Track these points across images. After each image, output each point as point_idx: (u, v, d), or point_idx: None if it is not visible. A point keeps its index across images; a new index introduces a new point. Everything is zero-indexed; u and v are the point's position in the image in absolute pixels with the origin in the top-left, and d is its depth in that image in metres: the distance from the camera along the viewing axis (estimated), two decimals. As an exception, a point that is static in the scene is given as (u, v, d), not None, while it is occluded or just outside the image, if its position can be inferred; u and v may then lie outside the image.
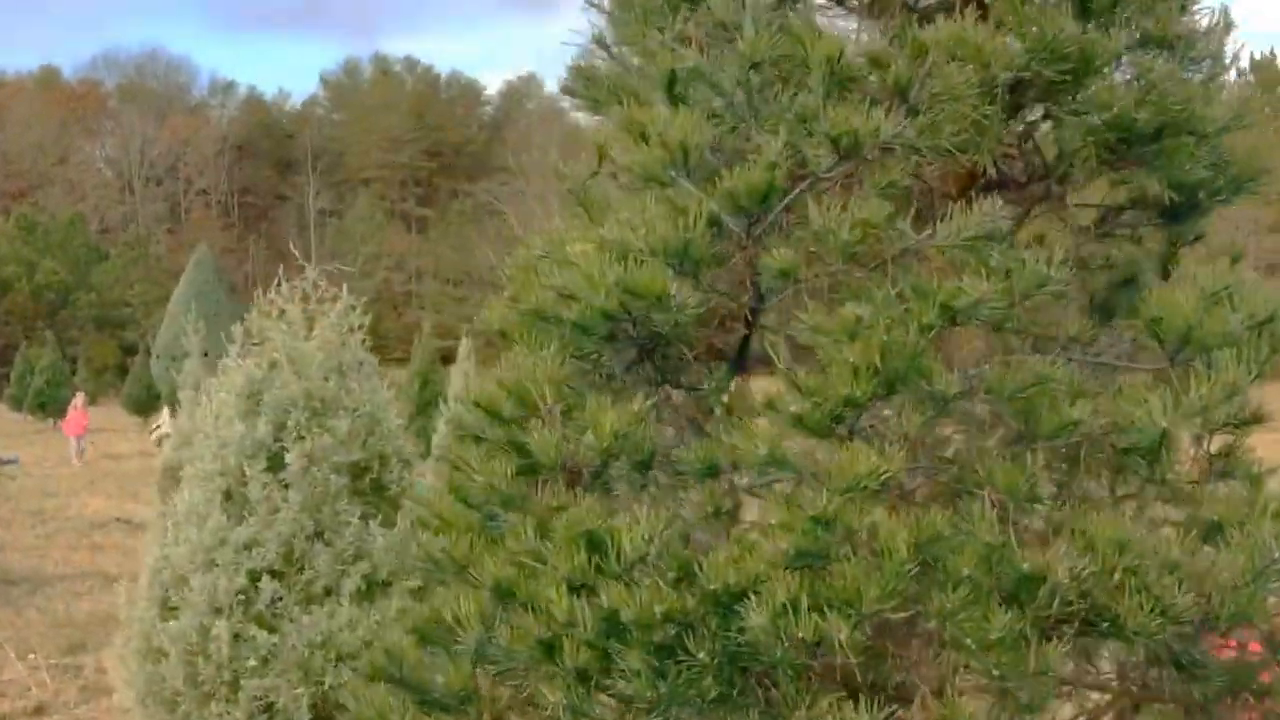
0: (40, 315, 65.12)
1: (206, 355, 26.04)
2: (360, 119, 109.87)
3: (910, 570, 2.57)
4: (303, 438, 4.53)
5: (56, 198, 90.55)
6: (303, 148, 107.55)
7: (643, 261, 2.84)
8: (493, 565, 2.93)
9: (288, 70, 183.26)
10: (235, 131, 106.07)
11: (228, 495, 4.62)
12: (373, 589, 4.61)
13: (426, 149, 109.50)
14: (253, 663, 4.44)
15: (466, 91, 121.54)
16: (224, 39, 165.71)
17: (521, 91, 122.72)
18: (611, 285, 2.82)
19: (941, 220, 2.89)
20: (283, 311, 4.98)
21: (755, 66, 2.98)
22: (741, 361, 3.25)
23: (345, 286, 6.04)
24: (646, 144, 2.96)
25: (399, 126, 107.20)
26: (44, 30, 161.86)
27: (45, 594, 8.71)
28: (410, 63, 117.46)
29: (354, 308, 5.15)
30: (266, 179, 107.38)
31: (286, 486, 4.49)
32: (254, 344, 4.90)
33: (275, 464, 4.57)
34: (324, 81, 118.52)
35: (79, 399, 21.42)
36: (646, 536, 2.72)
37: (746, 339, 3.22)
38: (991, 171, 3.13)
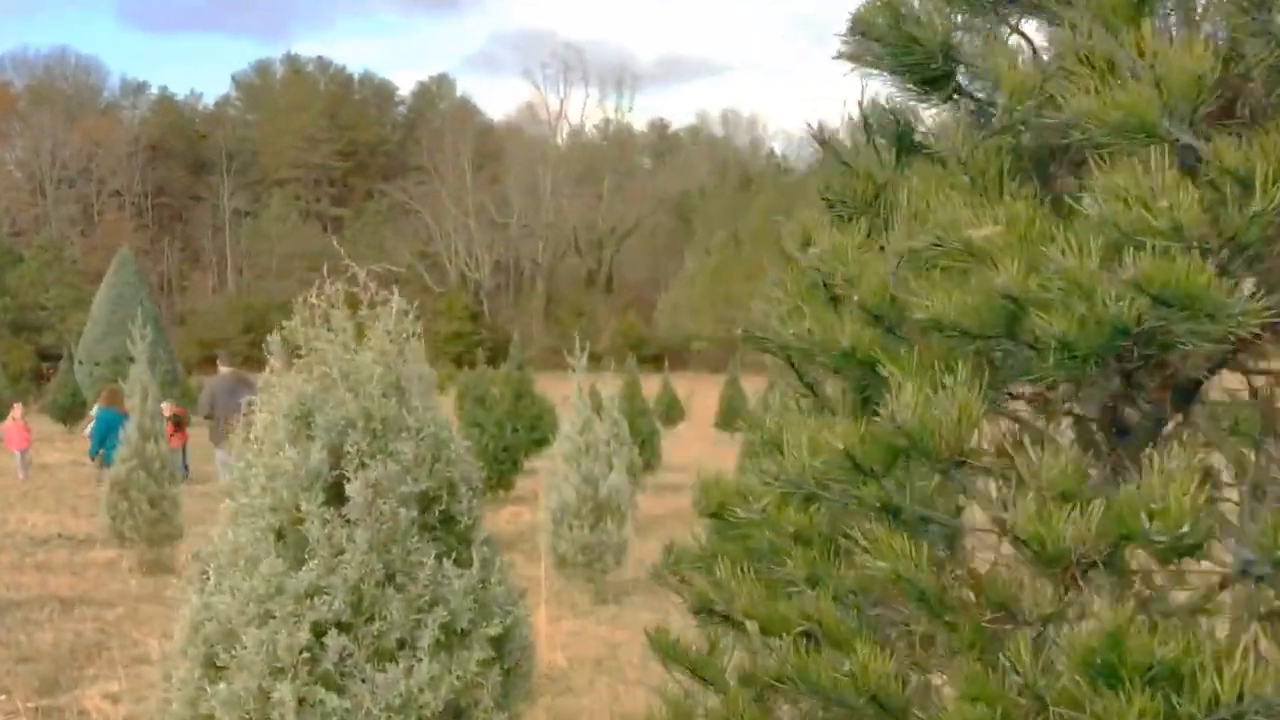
0: (-47, 319, 64.96)
1: (132, 361, 28.31)
2: (273, 119, 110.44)
3: None
4: (365, 465, 3.95)
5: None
6: (216, 148, 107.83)
7: (1165, 249, 1.83)
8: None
9: (198, 72, 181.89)
10: (147, 132, 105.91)
11: (280, 534, 3.98)
12: (451, 639, 4.00)
13: (340, 149, 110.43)
14: (324, 732, 4.23)
15: (379, 91, 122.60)
16: (134, 40, 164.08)
17: (433, 91, 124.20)
18: (1131, 284, 1.85)
19: None
20: (327, 318, 4.18)
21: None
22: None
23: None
24: (1114, 83, 1.97)
25: (312, 126, 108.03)
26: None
27: (2, 623, 8.04)
28: (322, 64, 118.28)
29: (407, 313, 4.33)
30: (180, 180, 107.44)
31: (350, 523, 3.91)
32: (298, 355, 4.16)
33: (334, 497, 3.97)
34: (236, 82, 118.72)
35: (16, 410, 19.93)
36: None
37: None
38: None
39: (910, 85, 2.63)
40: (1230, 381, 2.29)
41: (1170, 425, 2.25)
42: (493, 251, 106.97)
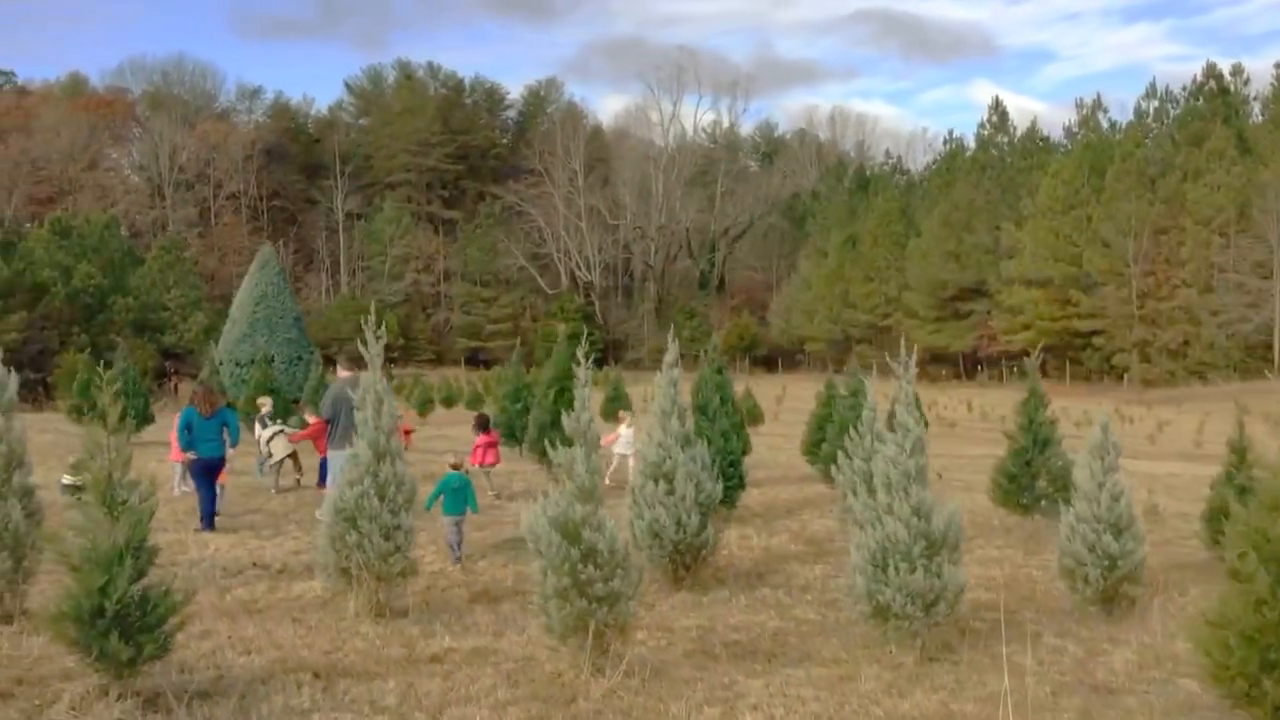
0: (76, 320, 65.28)
1: (272, 361, 26.71)
2: (385, 124, 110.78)
3: None
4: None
5: (87, 203, 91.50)
6: (330, 152, 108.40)
7: None
8: None
9: (305, 77, 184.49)
10: (262, 136, 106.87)
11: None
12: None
13: (452, 152, 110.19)
14: None
15: (490, 95, 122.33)
16: (244, 46, 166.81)
17: (542, 95, 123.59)
18: None
19: None
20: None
21: None
22: None
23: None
24: None
25: (424, 130, 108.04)
26: (71, 38, 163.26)
27: (255, 713, 5.79)
28: (433, 68, 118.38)
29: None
30: (294, 183, 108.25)
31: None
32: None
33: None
34: (349, 87, 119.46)
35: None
36: None
37: None
38: None
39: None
40: None
41: None
42: (603, 253, 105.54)
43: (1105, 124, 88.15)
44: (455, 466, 11.50)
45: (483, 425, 16.29)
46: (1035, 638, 7.79)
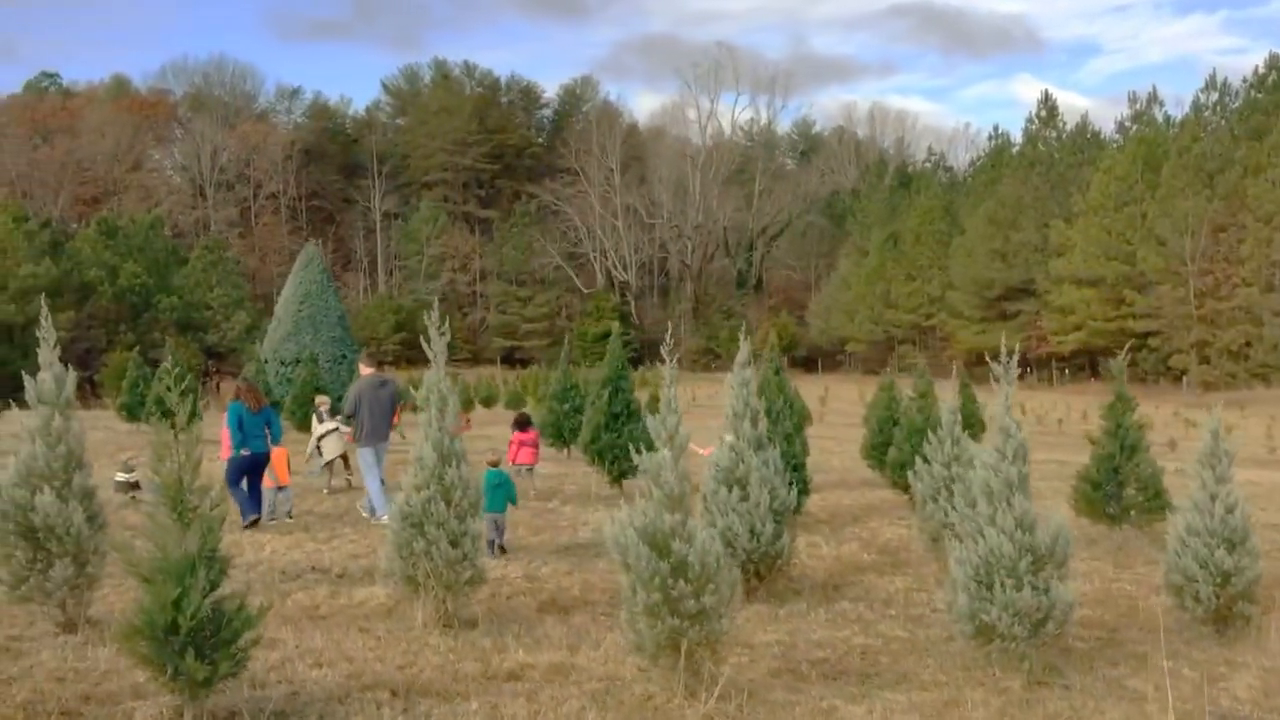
0: (123, 318, 65.87)
1: (317, 360, 26.43)
2: (422, 123, 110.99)
3: None
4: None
5: (131, 203, 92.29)
6: (367, 152, 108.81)
7: None
8: None
9: (342, 77, 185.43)
10: (301, 137, 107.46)
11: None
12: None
13: (488, 151, 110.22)
14: None
15: (525, 94, 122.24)
16: (282, 47, 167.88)
17: (577, 94, 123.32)
18: None
19: None
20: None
21: None
22: None
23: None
24: None
25: (461, 130, 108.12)
26: (114, 40, 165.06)
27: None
28: (469, 67, 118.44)
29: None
30: (332, 183, 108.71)
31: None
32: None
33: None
34: (385, 87, 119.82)
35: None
36: None
37: None
38: None
39: None
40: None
41: None
42: (639, 252, 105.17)
43: (1159, 118, 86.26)
44: (493, 464, 11.59)
45: (522, 424, 16.24)
46: (1144, 660, 7.32)
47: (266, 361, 27.87)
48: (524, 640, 7.87)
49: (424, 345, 8.79)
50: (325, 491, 15.48)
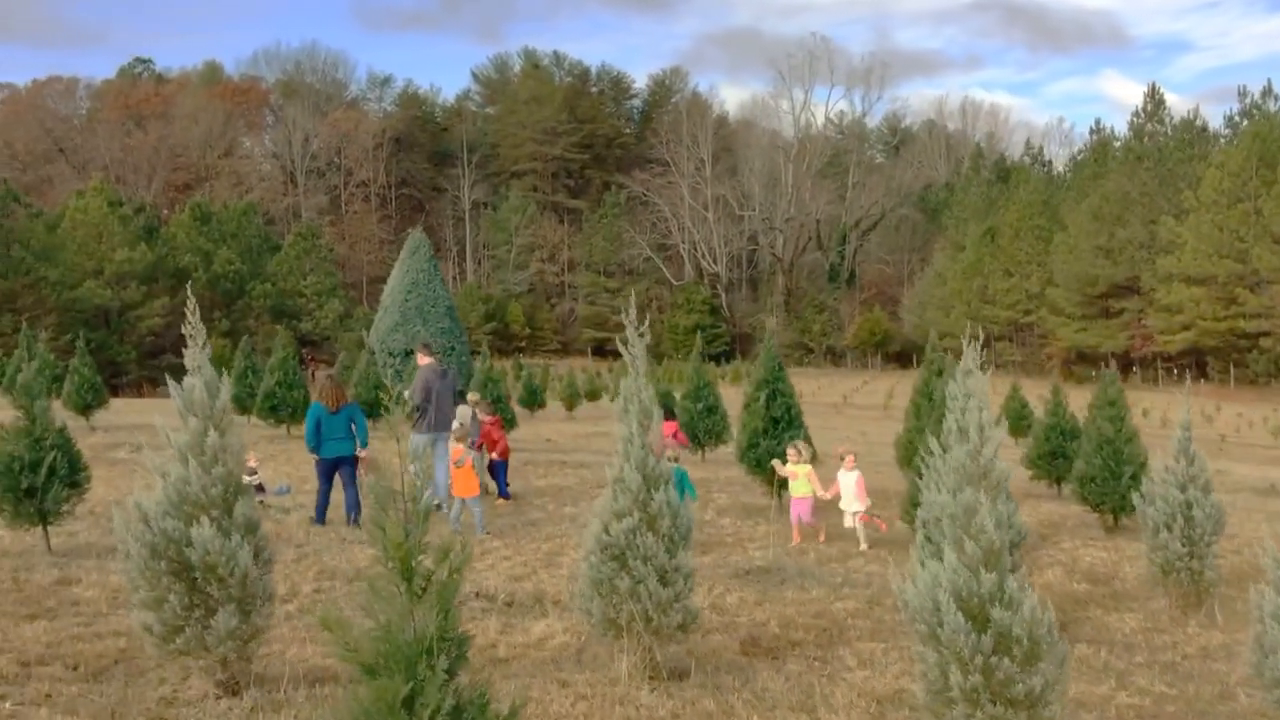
0: (217, 305, 66.07)
1: (423, 351, 24.89)
2: (511, 112, 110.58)
3: None
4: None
5: (223, 190, 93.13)
6: (457, 141, 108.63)
7: None
8: None
9: (431, 66, 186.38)
10: (392, 125, 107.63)
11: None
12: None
13: (577, 141, 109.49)
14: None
15: (615, 84, 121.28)
16: (372, 36, 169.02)
17: (668, 84, 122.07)
18: None
19: None
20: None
21: None
22: None
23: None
24: None
25: (551, 119, 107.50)
26: (207, 27, 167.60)
27: None
28: (558, 57, 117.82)
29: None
30: (422, 172, 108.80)
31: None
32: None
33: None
34: (475, 76, 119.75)
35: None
36: None
37: None
38: None
39: None
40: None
41: None
42: (730, 245, 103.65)
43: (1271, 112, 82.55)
44: (674, 459, 10.78)
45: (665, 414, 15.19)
46: None
47: (374, 353, 27.02)
48: (743, 696, 6.67)
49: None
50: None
